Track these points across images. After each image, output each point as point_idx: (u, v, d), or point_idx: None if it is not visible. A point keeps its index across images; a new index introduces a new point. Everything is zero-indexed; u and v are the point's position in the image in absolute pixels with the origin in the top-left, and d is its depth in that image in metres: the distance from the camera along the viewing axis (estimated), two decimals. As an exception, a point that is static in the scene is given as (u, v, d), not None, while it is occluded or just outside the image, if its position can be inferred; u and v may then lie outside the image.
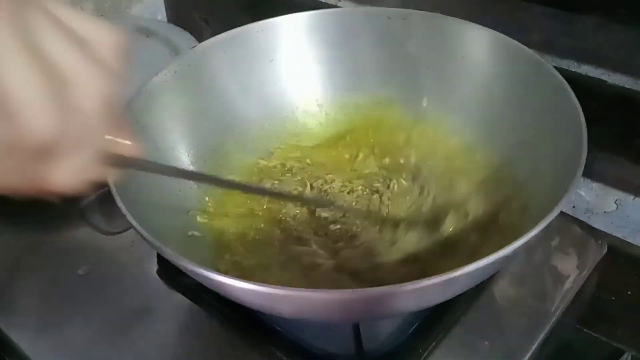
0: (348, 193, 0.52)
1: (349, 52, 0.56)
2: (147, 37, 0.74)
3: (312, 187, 0.52)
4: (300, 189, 0.52)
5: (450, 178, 0.50)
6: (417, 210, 0.49)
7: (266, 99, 0.56)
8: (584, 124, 0.38)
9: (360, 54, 0.55)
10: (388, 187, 0.51)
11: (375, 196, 0.51)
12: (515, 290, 0.47)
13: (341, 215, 0.49)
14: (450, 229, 0.46)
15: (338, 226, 0.48)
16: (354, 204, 0.51)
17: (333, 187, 0.52)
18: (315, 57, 0.56)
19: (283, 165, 0.54)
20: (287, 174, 0.54)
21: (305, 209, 0.50)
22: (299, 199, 0.51)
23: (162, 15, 0.94)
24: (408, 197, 0.50)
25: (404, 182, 0.51)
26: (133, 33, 0.76)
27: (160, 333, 0.46)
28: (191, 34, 0.74)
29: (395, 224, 0.48)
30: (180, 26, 0.76)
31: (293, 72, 0.56)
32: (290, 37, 0.55)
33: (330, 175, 0.53)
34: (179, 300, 0.48)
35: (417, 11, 0.53)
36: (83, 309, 0.48)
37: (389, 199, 0.50)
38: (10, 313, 0.48)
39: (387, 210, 0.50)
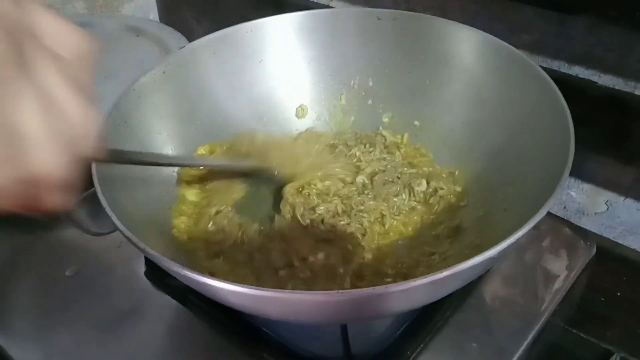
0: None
1: (339, 53, 0.55)
2: (137, 36, 0.74)
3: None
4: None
5: (436, 177, 0.50)
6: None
7: (255, 100, 0.55)
8: (572, 125, 0.38)
9: (350, 55, 0.55)
10: (371, 181, 0.51)
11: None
12: (505, 291, 0.47)
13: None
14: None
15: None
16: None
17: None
18: (305, 58, 0.56)
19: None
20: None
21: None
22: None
23: (154, 14, 0.94)
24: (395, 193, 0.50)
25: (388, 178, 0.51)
26: (123, 32, 0.75)
27: (148, 334, 0.45)
28: (183, 33, 0.73)
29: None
30: (172, 25, 0.75)
31: (283, 73, 0.56)
32: (280, 38, 0.55)
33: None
34: (167, 301, 0.47)
35: (407, 12, 0.53)
36: (71, 310, 0.48)
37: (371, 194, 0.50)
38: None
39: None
